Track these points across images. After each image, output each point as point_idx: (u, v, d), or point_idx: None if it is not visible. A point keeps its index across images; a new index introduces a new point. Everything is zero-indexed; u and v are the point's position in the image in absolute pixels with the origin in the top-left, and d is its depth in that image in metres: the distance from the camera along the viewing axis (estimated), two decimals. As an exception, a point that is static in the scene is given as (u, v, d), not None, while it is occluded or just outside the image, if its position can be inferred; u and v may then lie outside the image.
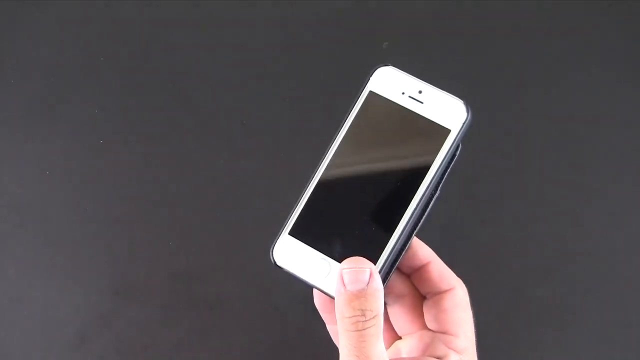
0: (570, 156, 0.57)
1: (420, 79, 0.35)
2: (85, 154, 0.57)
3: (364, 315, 0.30)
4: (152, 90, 0.58)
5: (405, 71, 0.36)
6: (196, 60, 0.59)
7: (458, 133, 0.34)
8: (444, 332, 0.35)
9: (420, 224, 0.35)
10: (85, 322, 0.53)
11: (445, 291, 0.36)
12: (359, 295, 0.31)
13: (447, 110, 0.35)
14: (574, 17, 0.60)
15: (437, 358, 0.34)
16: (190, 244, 0.55)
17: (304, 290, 0.38)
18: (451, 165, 0.35)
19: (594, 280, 0.53)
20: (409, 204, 0.34)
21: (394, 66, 0.36)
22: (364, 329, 0.30)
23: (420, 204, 0.34)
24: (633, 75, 0.58)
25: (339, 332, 0.31)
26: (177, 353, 0.53)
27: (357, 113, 0.35)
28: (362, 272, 0.31)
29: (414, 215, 0.34)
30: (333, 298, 0.32)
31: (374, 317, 0.31)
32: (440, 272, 0.36)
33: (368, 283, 0.31)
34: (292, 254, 0.34)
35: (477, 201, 0.55)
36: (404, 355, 0.37)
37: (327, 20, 0.60)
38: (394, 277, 0.37)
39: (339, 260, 0.33)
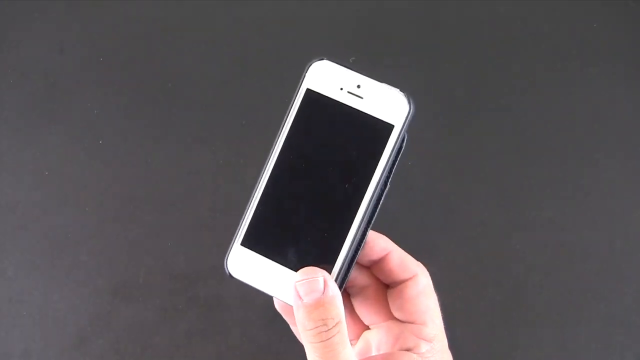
0: (570, 156, 0.56)
1: (358, 71, 0.34)
2: (84, 154, 0.57)
3: (325, 324, 0.30)
4: (151, 91, 0.58)
5: (344, 64, 0.34)
6: (196, 60, 0.59)
7: (402, 128, 0.33)
8: (411, 322, 0.35)
9: (373, 220, 0.34)
10: (85, 322, 0.53)
11: (408, 279, 0.35)
12: (317, 305, 0.31)
13: (389, 104, 0.33)
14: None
15: (408, 350, 0.34)
16: (189, 244, 0.55)
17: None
18: (399, 158, 0.34)
19: (594, 280, 0.53)
20: (359, 205, 0.33)
21: (329, 59, 0.34)
22: (328, 339, 0.30)
23: (371, 203, 0.33)
24: (628, 74, 0.58)
25: (304, 345, 0.31)
26: (177, 353, 0.53)
27: (296, 113, 0.34)
28: (315, 281, 0.31)
29: (366, 214, 0.33)
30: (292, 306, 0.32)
31: (336, 325, 0.30)
32: (401, 260, 0.35)
33: (324, 292, 0.31)
34: (246, 265, 0.34)
35: (477, 201, 0.55)
36: (373, 347, 0.36)
37: (329, 20, 0.60)
38: (354, 272, 0.36)
39: (294, 268, 0.33)
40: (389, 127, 0.33)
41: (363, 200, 0.33)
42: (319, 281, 0.31)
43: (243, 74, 0.59)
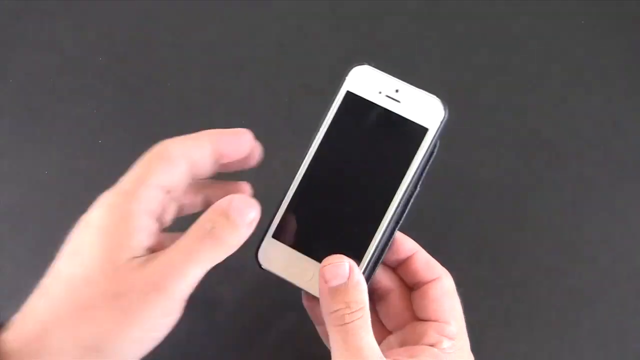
0: (571, 156, 0.56)
1: (398, 77, 0.36)
2: (84, 154, 0.57)
3: (349, 307, 0.31)
4: (150, 90, 0.58)
5: (383, 70, 0.36)
6: (195, 60, 0.59)
7: (436, 132, 0.35)
8: (435, 320, 0.35)
9: (402, 221, 0.35)
10: (85, 322, 0.53)
11: (432, 280, 0.36)
12: (342, 289, 0.31)
13: (425, 109, 0.35)
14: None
15: (431, 345, 0.34)
16: (189, 244, 0.54)
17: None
18: (430, 162, 0.35)
19: (594, 280, 0.53)
20: (390, 204, 0.34)
21: (369, 64, 0.36)
22: (351, 322, 0.31)
23: (401, 203, 0.34)
24: (628, 74, 0.58)
25: (328, 330, 0.32)
26: (176, 353, 0.53)
27: (335, 113, 0.36)
28: (341, 266, 0.32)
29: (395, 214, 0.34)
30: (318, 299, 0.33)
31: (359, 309, 0.31)
32: (426, 261, 0.37)
33: (349, 277, 0.32)
34: (276, 257, 0.35)
35: (478, 201, 0.55)
36: (395, 347, 0.37)
37: (329, 20, 0.60)
38: (379, 273, 0.37)
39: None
40: (423, 130, 0.35)
41: (393, 200, 0.34)
42: (344, 265, 0.32)
43: (243, 73, 0.59)
